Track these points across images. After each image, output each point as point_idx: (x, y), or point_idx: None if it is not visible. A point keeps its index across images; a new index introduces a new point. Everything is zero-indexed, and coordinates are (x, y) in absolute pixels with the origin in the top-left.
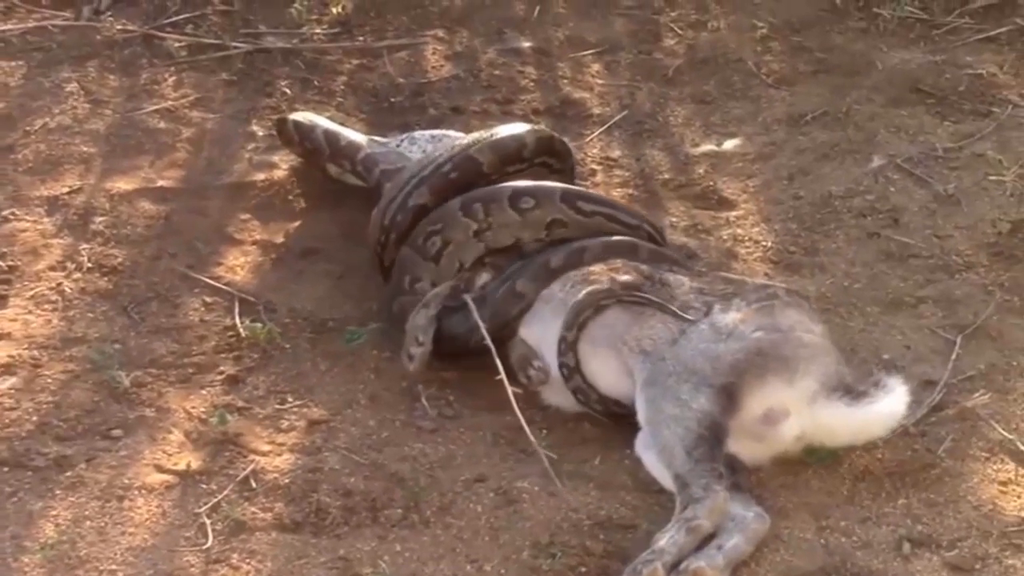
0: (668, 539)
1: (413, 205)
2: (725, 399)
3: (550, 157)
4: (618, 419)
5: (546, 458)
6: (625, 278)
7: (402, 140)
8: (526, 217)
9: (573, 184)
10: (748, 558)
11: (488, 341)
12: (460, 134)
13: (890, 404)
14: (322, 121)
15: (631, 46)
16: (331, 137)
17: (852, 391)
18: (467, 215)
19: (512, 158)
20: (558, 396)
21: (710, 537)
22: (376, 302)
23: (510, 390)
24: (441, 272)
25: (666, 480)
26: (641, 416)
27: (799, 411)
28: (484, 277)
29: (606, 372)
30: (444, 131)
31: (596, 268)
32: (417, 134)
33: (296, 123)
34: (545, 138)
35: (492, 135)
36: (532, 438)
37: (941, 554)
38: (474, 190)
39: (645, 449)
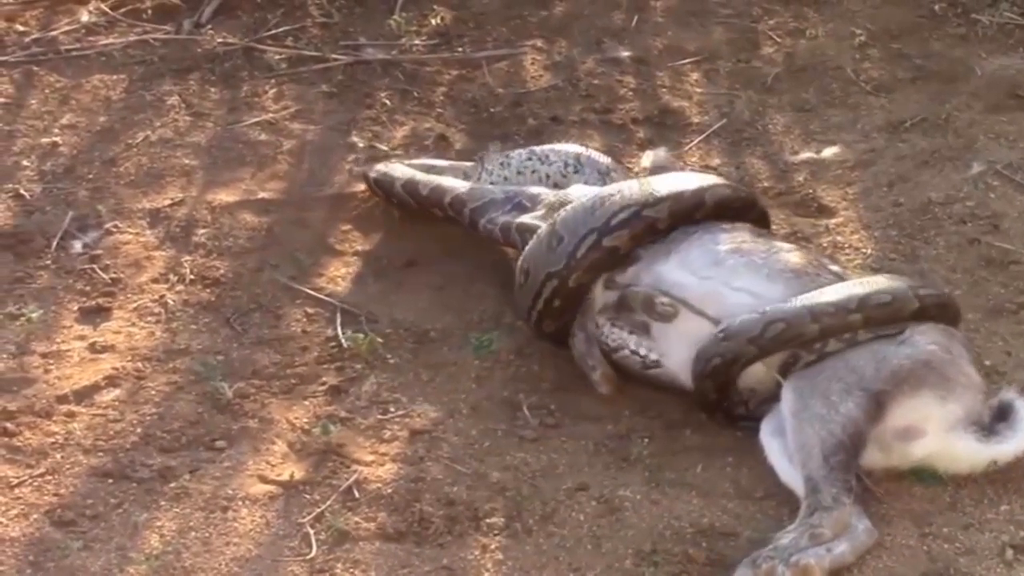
0: (790, 540)
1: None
2: (874, 406)
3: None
4: None
5: (647, 467)
6: None
7: (476, 168)
8: None
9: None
10: (851, 565)
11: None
12: (519, 152)
13: (1017, 443)
14: (398, 171)
15: (730, 54)
16: (410, 189)
17: (986, 427)
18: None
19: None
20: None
21: None
22: (477, 312)
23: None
24: None
25: (788, 472)
26: (786, 407)
27: (936, 433)
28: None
29: None
30: (507, 153)
31: None
32: (487, 162)
33: (376, 182)
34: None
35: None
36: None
37: None
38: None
39: (772, 436)
